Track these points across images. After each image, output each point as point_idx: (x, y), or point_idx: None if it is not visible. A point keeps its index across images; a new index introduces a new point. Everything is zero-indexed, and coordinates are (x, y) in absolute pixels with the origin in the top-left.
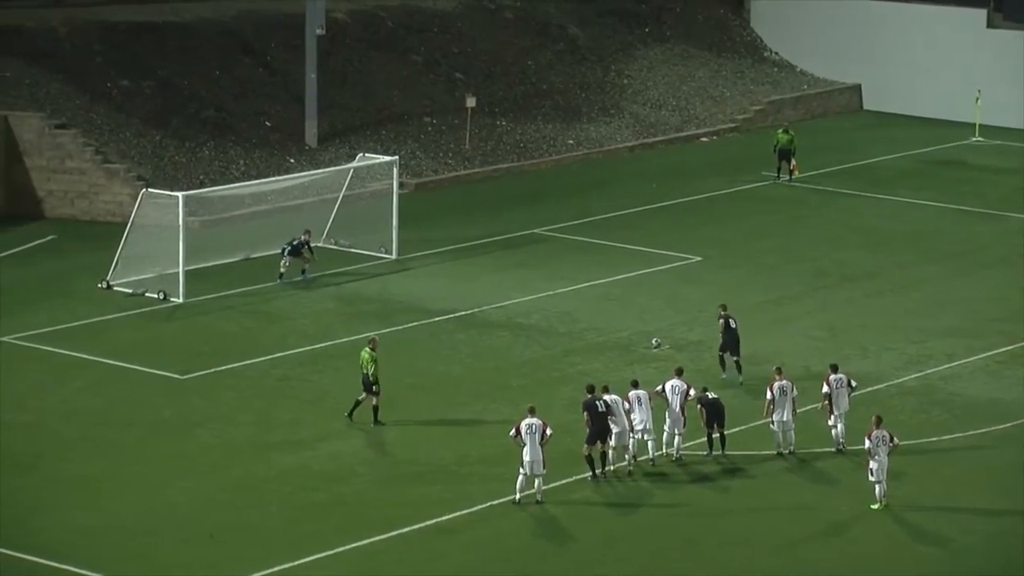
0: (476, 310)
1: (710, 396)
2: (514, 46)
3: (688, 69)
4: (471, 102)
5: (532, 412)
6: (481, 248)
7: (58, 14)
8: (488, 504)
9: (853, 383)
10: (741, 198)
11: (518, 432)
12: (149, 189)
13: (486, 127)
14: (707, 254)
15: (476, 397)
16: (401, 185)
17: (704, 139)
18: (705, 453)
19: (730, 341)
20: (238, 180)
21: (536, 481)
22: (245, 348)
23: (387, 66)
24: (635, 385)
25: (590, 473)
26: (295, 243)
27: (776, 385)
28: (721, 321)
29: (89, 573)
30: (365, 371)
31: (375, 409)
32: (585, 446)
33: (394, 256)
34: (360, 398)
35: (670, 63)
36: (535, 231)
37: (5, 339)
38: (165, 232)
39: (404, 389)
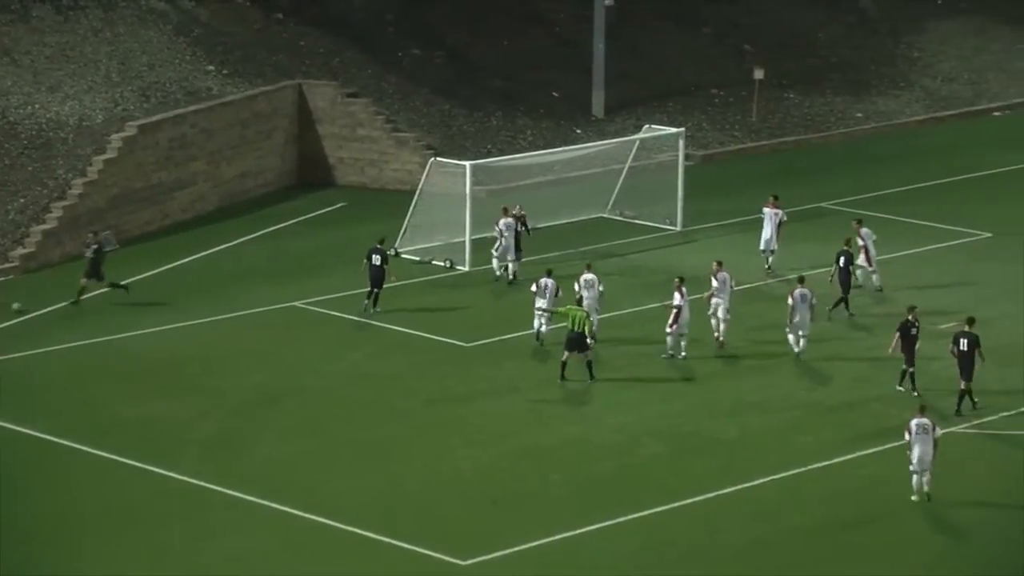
0: (760, 283)
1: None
2: (804, 18)
3: (982, 42)
4: (759, 74)
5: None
6: None
7: None
8: (769, 478)
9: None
10: None
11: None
12: (438, 158)
13: (774, 99)
14: (998, 230)
15: (760, 371)
16: (687, 157)
17: (997, 113)
18: None
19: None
20: (525, 150)
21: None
22: (529, 317)
23: (676, 37)
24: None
25: None
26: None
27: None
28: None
29: (377, 536)
30: (580, 329)
31: (590, 364)
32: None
33: (679, 228)
34: (566, 358)
35: (963, 35)
36: (821, 205)
37: (297, 303)
38: (452, 201)
39: (693, 361)
